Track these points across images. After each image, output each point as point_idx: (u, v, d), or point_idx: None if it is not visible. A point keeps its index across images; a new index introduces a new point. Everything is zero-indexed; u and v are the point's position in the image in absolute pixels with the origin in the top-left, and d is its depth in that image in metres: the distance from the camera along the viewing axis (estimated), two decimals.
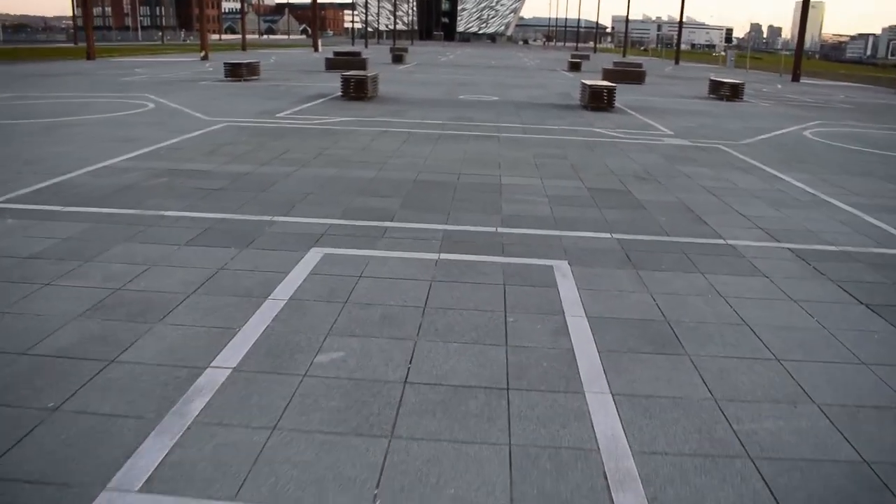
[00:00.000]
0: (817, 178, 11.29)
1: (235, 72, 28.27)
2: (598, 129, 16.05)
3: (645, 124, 17.70)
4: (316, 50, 70.61)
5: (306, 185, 9.07)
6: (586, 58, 61.82)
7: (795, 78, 49.79)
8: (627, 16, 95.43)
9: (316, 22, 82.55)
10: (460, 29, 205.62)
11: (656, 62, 69.35)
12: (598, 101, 20.35)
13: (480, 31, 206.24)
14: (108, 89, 22.62)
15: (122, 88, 22.86)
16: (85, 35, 46.89)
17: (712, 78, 29.61)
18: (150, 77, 28.96)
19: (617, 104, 20.82)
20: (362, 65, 35.40)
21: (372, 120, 16.16)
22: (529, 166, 11.04)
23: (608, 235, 7.27)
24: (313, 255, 6.25)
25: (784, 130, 18.02)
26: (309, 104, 19.23)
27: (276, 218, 7.44)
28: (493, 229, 7.29)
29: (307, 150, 11.88)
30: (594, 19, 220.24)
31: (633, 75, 35.40)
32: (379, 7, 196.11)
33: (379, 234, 6.98)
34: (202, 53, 50.12)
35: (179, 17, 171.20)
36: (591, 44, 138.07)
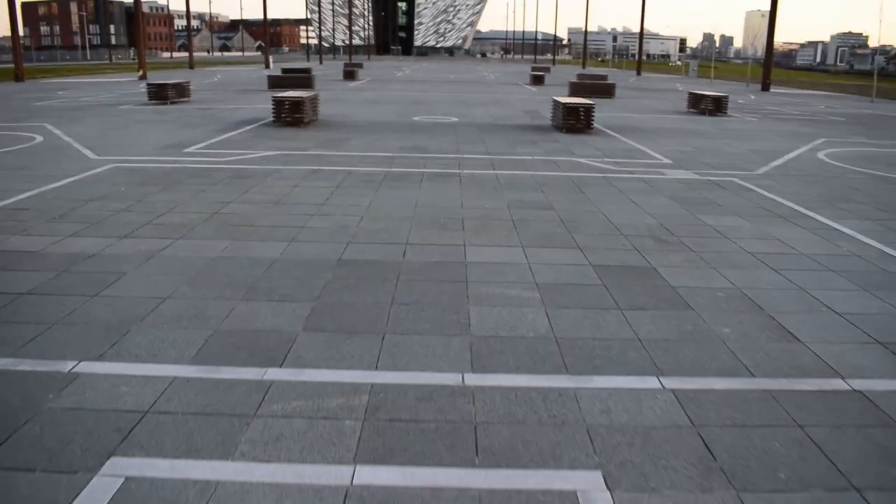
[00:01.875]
0: (885, 228, 8.42)
1: (160, 94, 24.96)
2: (581, 159, 13.08)
3: (633, 150, 14.80)
4: (267, 67, 67.47)
5: (169, 280, 5.89)
6: (547, 70, 59.44)
7: (765, 87, 47.95)
8: (586, 27, 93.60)
9: (267, 38, 79.16)
10: (418, 43, 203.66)
11: (618, 73, 67.23)
12: (573, 121, 17.44)
13: (438, 45, 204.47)
14: (5, 117, 19.19)
15: (22, 117, 19.44)
16: (13, 55, 43.13)
17: (692, 91, 27.02)
18: (68, 101, 25.56)
19: (594, 123, 17.91)
20: (308, 83, 32.25)
21: (302, 154, 13.00)
22: (505, 225, 7.99)
23: (656, 383, 4.20)
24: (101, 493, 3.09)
25: (794, 153, 15.28)
26: (232, 133, 16.00)
27: (77, 368, 4.25)
28: (455, 378, 4.20)
29: (200, 206, 8.69)
30: (550, 31, 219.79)
31: (603, 89, 32.80)
32: (334, 22, 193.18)
33: (249, 405, 3.84)
34: (139, 73, 46.68)
35: (130, 36, 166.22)
36: (549, 56, 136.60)
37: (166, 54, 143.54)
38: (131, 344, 4.61)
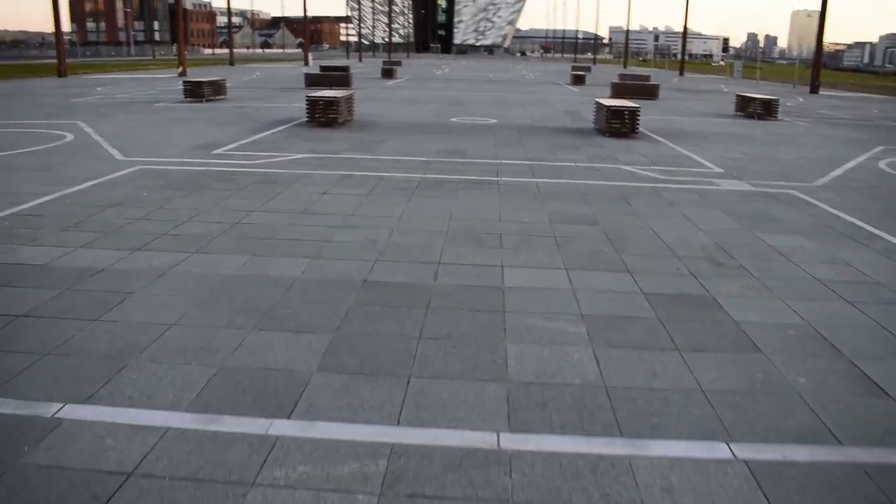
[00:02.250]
0: None
1: (196, 91, 24.75)
2: (626, 167, 12.38)
3: (681, 156, 14.04)
4: (306, 64, 67.57)
5: (178, 302, 5.39)
6: (588, 70, 58.43)
7: (814, 90, 46.46)
8: (628, 26, 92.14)
9: (307, 35, 79.23)
10: (457, 41, 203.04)
11: (660, 73, 65.89)
12: (617, 124, 16.70)
13: (478, 44, 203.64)
14: (41, 114, 19.07)
15: (56, 113, 19.29)
16: (56, 51, 43.52)
17: (740, 94, 26.01)
18: (104, 97, 25.49)
19: (640, 127, 17.14)
20: (345, 81, 31.89)
21: (334, 157, 12.49)
22: (546, 243, 7.37)
23: (726, 451, 3.57)
24: None
25: (852, 163, 14.38)
26: (265, 133, 15.58)
27: (62, 413, 3.76)
28: (490, 439, 3.61)
29: (222, 214, 8.22)
30: (590, 30, 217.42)
31: (646, 90, 31.91)
32: (374, 20, 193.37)
33: (248, 469, 3.30)
34: (179, 69, 46.83)
35: (173, 32, 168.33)
36: (590, 55, 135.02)
37: (208, 51, 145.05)
38: (126, 382, 4.10)
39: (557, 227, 8.05)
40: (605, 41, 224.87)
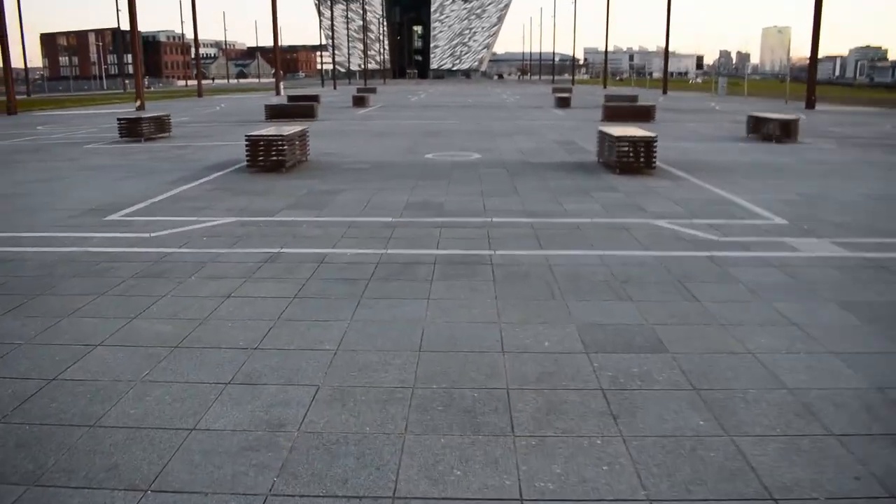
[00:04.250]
0: None
1: (133, 130, 21.45)
2: (660, 222, 9.18)
3: (721, 201, 10.87)
4: (277, 93, 64.43)
5: None
6: (569, 91, 55.73)
7: (810, 105, 43.94)
8: (607, 46, 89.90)
9: (278, 63, 76.11)
10: (434, 66, 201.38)
11: (644, 92, 63.29)
12: (630, 159, 13.55)
13: (454, 68, 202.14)
14: None
15: None
16: (6, 87, 40.10)
17: (753, 114, 23.08)
18: (34, 139, 22.37)
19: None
20: (311, 112, 28.75)
21: (266, 222, 9.18)
22: (591, 412, 4.16)
23: None
24: None
25: None
26: (191, 185, 12.26)
27: None
28: None
29: (39, 358, 4.88)
30: (566, 51, 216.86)
31: (640, 112, 29.04)
32: (350, 48, 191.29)
33: None
34: (137, 103, 43.51)
35: (147, 65, 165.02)
36: (567, 76, 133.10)
37: (182, 82, 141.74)
38: None
39: (600, 363, 4.78)
40: (582, 62, 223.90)
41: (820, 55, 45.21)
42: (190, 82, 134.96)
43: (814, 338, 5.30)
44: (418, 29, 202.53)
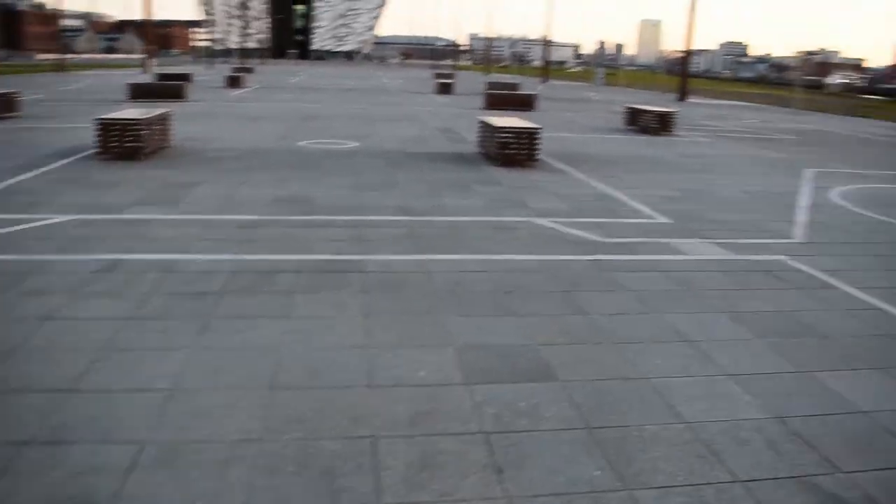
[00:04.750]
0: None
1: None
2: (543, 220, 8.73)
3: (604, 197, 10.59)
4: (146, 71, 60.73)
5: None
6: (451, 77, 55.48)
7: (682, 97, 45.55)
8: (490, 33, 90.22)
9: (149, 39, 71.92)
10: (315, 47, 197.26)
11: (524, 80, 63.94)
12: (513, 151, 13.12)
13: (337, 50, 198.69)
14: None
15: None
16: None
17: (631, 105, 23.33)
18: None
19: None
20: (180, 92, 26.98)
21: (110, 221, 8.09)
22: (472, 460, 3.55)
23: None
24: None
25: (804, 197, 11.53)
26: (31, 174, 10.87)
27: None
28: None
29: None
30: (449, 37, 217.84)
31: (521, 100, 28.94)
32: (229, 25, 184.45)
33: None
34: None
35: (7, 36, 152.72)
36: (450, 62, 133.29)
37: (43, 56, 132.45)
38: None
39: (482, 396, 4.19)
40: (465, 48, 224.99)
41: (690, 49, 46.82)
42: (53, 56, 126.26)
43: (708, 357, 4.91)
44: (300, 8, 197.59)
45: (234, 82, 39.64)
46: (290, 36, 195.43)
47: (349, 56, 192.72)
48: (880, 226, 9.74)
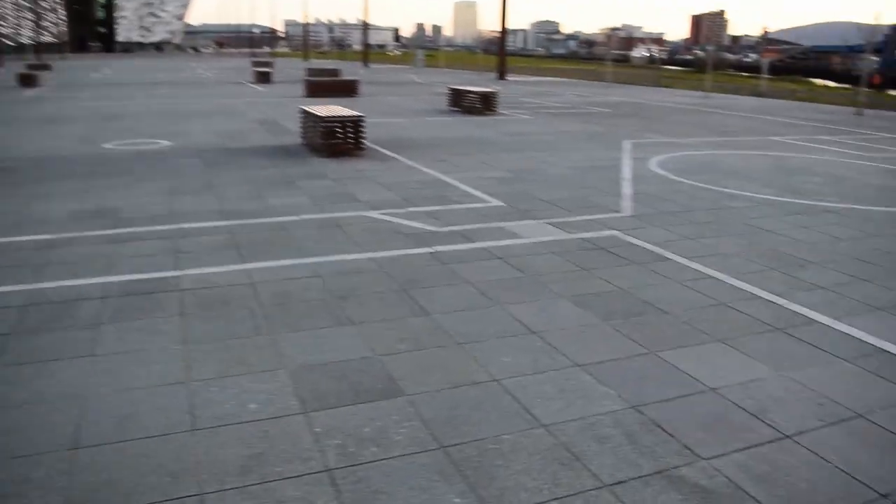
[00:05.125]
0: None
1: None
2: (375, 213, 8.34)
3: (435, 183, 10.35)
4: None
5: None
6: (270, 65, 53.78)
7: (501, 76, 46.70)
8: (306, 18, 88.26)
9: None
10: (121, 38, 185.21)
11: (345, 65, 63.19)
12: (338, 140, 12.62)
13: (145, 41, 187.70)
14: None
15: None
16: None
17: (454, 87, 23.38)
18: None
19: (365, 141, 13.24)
20: None
21: None
22: None
23: None
24: None
25: (626, 169, 11.88)
26: None
27: None
28: None
29: None
30: (265, 24, 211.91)
31: (343, 86, 28.37)
32: (19, 17, 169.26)
33: None
34: None
35: None
36: (267, 49, 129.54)
37: None
38: None
39: (324, 425, 3.76)
40: (282, 34, 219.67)
41: (507, 28, 47.95)
42: None
43: (557, 348, 4.72)
44: None
45: (28, 81, 36.15)
46: (91, 28, 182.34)
47: (159, 47, 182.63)
48: (699, 192, 10.14)
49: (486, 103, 21.43)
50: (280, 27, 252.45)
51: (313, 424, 3.74)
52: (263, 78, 37.83)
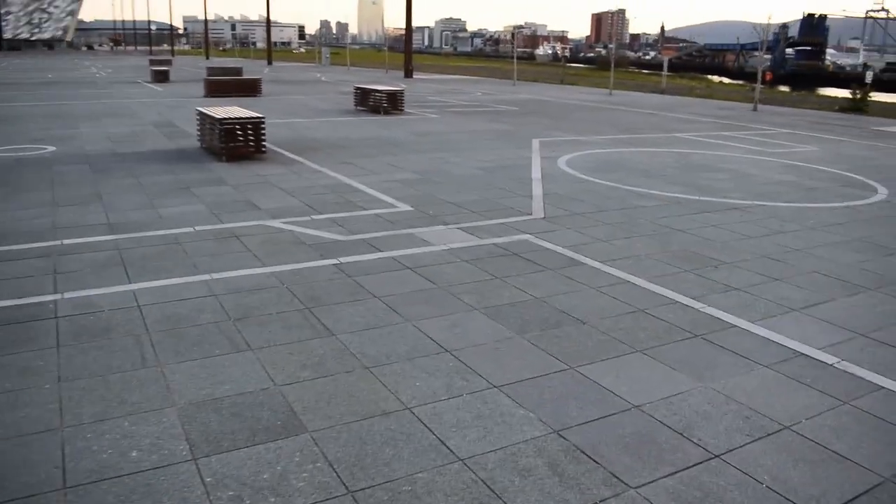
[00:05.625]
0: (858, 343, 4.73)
1: None
2: (276, 222, 7.88)
3: (340, 187, 9.95)
4: None
5: None
6: (169, 63, 51.89)
7: (408, 74, 46.47)
8: (206, 15, 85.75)
9: None
10: (7, 36, 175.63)
11: (248, 64, 61.71)
12: (239, 143, 12.03)
13: (34, 38, 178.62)
14: None
15: None
16: None
17: (360, 86, 22.91)
18: None
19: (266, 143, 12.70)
20: None
21: None
22: None
23: None
24: None
25: (535, 169, 11.79)
26: None
27: None
28: None
29: None
30: (164, 20, 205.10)
31: (245, 85, 27.48)
32: None
33: None
34: None
35: None
36: (167, 46, 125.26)
37: None
38: None
39: (215, 473, 3.37)
40: (181, 31, 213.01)
41: (412, 26, 47.67)
42: None
43: (472, 368, 4.43)
44: None
45: None
46: None
47: (49, 45, 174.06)
48: (609, 191, 10.08)
49: (393, 102, 21.09)
50: (179, 24, 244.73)
51: (204, 473, 3.32)
52: (161, 77, 36.33)
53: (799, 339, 5.03)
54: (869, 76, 33.66)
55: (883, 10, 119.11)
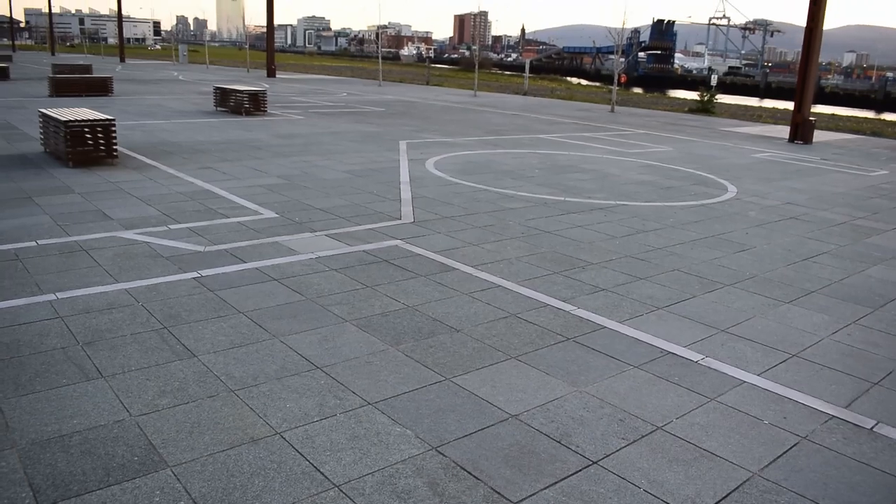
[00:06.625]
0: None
1: None
2: (129, 234, 7.37)
3: (200, 193, 9.48)
4: None
5: None
6: (10, 60, 48.36)
7: (271, 73, 45.47)
8: (50, 8, 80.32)
9: None
10: None
11: (99, 61, 58.42)
12: (86, 147, 11.24)
13: None
14: None
15: None
16: None
17: (220, 86, 22.07)
18: None
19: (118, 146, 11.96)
20: None
21: None
22: None
23: None
24: None
25: (404, 172, 11.75)
26: None
27: None
28: None
29: None
30: (2, 12, 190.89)
31: (95, 84, 25.91)
32: None
33: None
34: None
35: None
36: (7, 41, 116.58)
37: None
38: None
39: None
40: (23, 25, 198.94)
41: (277, 23, 46.58)
42: None
43: (344, 385, 4.26)
44: None
45: None
46: None
47: None
48: (478, 193, 10.12)
49: (255, 103, 20.45)
50: (21, 17, 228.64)
51: None
52: (2, 75, 33.63)
53: (664, 338, 5.16)
54: (714, 79, 35.84)
55: (724, 17, 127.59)
